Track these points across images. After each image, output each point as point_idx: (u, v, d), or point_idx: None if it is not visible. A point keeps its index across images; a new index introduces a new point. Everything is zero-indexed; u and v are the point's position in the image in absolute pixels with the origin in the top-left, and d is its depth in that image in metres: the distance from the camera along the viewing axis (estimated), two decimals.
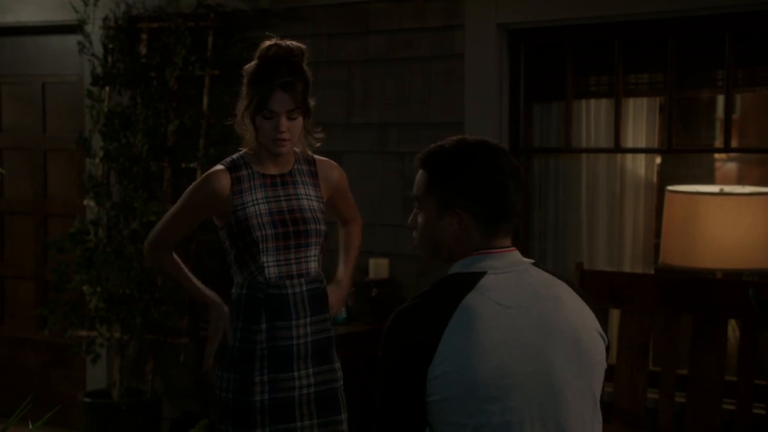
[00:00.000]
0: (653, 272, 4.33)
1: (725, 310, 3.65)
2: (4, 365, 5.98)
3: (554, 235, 4.44)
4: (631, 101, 4.25)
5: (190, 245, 4.94)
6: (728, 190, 4.16)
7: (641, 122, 4.29)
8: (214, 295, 3.16)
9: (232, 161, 3.08)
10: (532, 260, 2.20)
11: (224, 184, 3.03)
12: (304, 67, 3.02)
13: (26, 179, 5.89)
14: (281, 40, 3.02)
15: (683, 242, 4.08)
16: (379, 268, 4.52)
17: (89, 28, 5.16)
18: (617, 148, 4.20)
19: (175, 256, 3.16)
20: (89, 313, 5.04)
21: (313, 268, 3.09)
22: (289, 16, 4.83)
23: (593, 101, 4.33)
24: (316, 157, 3.19)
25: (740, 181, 4.97)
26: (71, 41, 5.39)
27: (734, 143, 4.55)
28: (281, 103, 2.96)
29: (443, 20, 4.42)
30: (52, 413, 2.50)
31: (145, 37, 5.12)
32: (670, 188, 4.24)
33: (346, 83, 4.71)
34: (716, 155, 5.06)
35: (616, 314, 4.01)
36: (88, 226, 5.05)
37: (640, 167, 4.33)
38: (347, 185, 3.28)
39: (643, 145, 4.30)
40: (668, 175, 4.65)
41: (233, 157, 3.10)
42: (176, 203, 3.13)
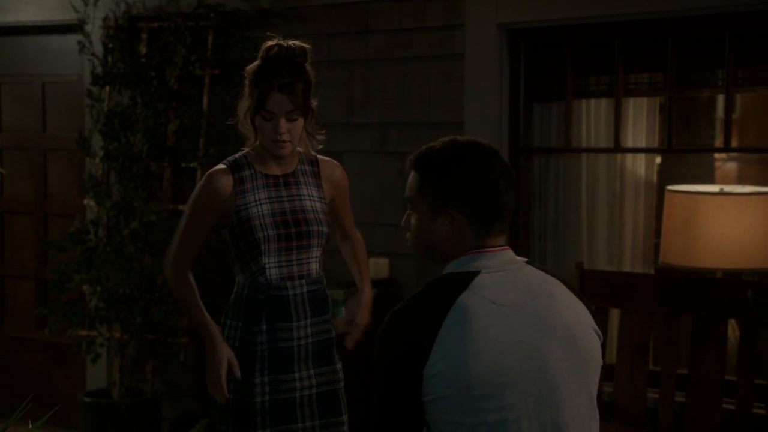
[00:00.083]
0: (653, 272, 4.33)
1: (725, 309, 3.65)
2: (4, 365, 5.97)
3: (554, 234, 4.44)
4: (631, 101, 4.25)
5: None
6: (728, 189, 4.15)
7: (641, 122, 4.29)
8: (215, 331, 3.02)
9: (234, 161, 3.06)
10: (525, 258, 2.21)
11: (226, 183, 3.01)
12: (306, 67, 2.98)
13: (26, 179, 5.88)
14: (284, 40, 2.98)
15: (683, 242, 4.07)
16: (378, 268, 4.52)
17: (89, 27, 5.16)
18: (617, 147, 4.20)
19: (191, 277, 3.07)
20: (89, 312, 5.03)
21: (314, 269, 3.08)
22: (289, 15, 4.83)
23: (593, 101, 4.33)
24: (319, 157, 3.17)
25: (740, 180, 4.96)
26: (71, 41, 5.39)
27: (734, 143, 4.55)
28: (280, 104, 2.93)
29: (443, 20, 4.42)
30: (52, 413, 2.50)
31: (145, 36, 5.12)
32: (670, 188, 4.24)
33: (346, 83, 4.71)
34: (716, 155, 5.06)
35: (616, 314, 4.01)
36: (88, 225, 5.05)
37: (640, 167, 4.32)
38: (347, 187, 3.25)
39: (643, 144, 4.30)
40: (668, 174, 4.65)
41: (235, 156, 3.07)
42: (183, 216, 3.08)
